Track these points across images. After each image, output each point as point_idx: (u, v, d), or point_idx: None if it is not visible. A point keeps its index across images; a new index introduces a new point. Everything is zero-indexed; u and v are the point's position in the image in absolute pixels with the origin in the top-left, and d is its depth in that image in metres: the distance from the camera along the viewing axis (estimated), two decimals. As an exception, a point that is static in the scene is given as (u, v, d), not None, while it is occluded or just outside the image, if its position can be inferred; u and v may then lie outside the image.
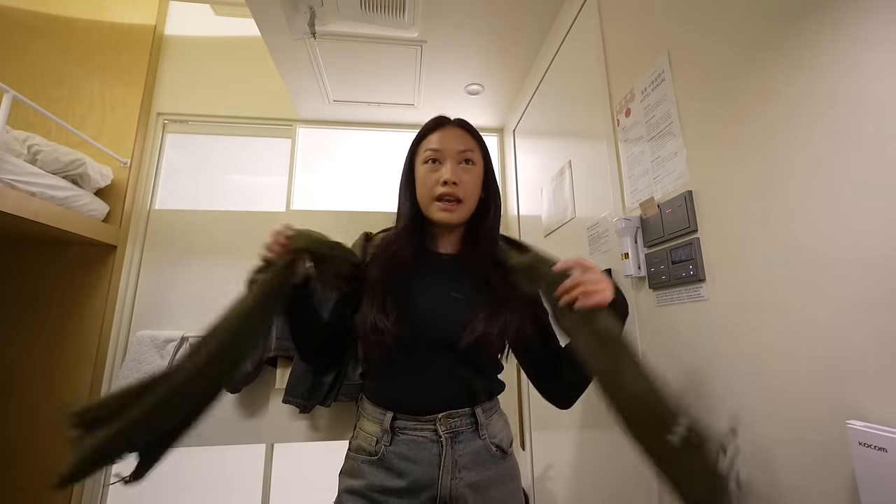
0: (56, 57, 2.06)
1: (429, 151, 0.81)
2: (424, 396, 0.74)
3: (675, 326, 0.86)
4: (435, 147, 0.80)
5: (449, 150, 0.80)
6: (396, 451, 0.72)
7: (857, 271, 0.51)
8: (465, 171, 0.80)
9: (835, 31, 0.54)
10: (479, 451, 0.74)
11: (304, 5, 1.41)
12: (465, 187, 0.79)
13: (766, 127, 0.64)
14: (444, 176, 0.78)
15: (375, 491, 0.71)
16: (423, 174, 0.81)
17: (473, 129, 0.86)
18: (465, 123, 0.86)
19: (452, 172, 0.78)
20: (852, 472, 0.50)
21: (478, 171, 0.83)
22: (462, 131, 0.84)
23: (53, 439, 1.72)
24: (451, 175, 0.78)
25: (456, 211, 0.79)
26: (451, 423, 0.73)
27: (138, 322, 1.92)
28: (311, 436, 1.89)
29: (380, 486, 0.71)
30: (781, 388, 0.61)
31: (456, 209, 0.79)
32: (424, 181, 0.80)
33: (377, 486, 0.71)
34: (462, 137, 0.82)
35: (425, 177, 0.80)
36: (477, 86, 1.91)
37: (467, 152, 0.81)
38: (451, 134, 0.82)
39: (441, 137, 0.81)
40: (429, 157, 0.80)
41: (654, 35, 0.93)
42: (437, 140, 0.81)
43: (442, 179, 0.78)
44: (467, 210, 0.81)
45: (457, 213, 0.79)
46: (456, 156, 0.80)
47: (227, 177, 2.21)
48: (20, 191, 1.44)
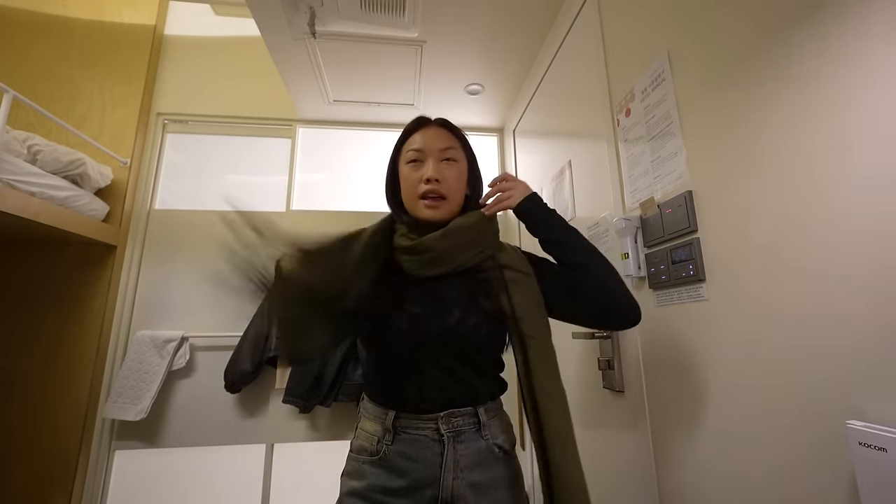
0: (56, 57, 2.07)
1: (411, 152, 0.82)
2: (426, 394, 0.74)
3: (675, 326, 0.86)
4: (417, 147, 0.81)
5: (430, 149, 0.81)
6: (398, 449, 0.72)
7: (857, 271, 0.51)
8: (448, 168, 0.81)
9: (835, 32, 0.54)
10: (481, 451, 0.74)
11: (304, 5, 1.41)
12: (447, 184, 0.80)
13: (766, 127, 0.64)
14: (426, 174, 0.79)
15: (377, 492, 0.71)
16: (406, 173, 0.82)
17: (454, 127, 0.87)
18: (446, 122, 0.86)
19: (434, 169, 0.79)
20: (852, 472, 0.50)
21: (460, 167, 0.83)
22: (443, 130, 0.85)
23: (53, 439, 1.72)
24: (432, 172, 0.78)
25: (441, 208, 0.79)
26: (452, 423, 0.73)
27: (138, 322, 1.92)
28: (311, 436, 1.90)
29: (381, 487, 0.71)
30: (781, 387, 0.61)
31: (441, 205, 0.79)
32: (408, 180, 0.81)
33: (378, 487, 0.71)
34: (443, 135, 0.83)
35: (408, 176, 0.81)
36: (477, 86, 1.91)
37: (449, 150, 0.82)
38: (432, 133, 0.83)
39: (422, 137, 0.82)
40: (411, 158, 0.81)
41: (654, 35, 0.93)
42: (419, 140, 0.82)
43: (424, 177, 0.79)
44: (452, 206, 0.81)
45: (442, 210, 0.80)
46: (437, 154, 0.81)
47: (227, 177, 2.21)
48: (20, 191, 1.44)
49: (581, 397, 1.25)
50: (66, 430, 1.74)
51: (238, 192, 2.19)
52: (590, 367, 1.19)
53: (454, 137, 0.84)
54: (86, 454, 1.76)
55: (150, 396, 1.75)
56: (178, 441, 1.84)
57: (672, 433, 0.87)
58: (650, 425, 0.93)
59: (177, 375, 1.87)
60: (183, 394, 1.87)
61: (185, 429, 1.85)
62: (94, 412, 1.79)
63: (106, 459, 1.81)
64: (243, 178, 2.22)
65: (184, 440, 1.84)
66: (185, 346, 1.87)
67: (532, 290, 0.79)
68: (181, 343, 1.86)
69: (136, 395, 1.75)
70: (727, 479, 0.72)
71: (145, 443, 1.82)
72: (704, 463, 0.77)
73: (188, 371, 1.89)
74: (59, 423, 1.74)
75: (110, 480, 1.82)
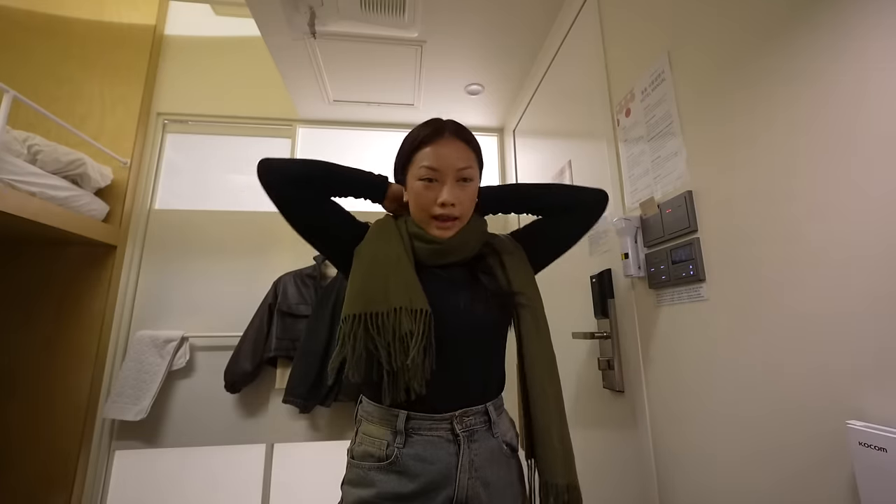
0: (56, 57, 2.07)
1: (424, 169, 0.76)
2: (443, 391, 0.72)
3: (675, 326, 0.86)
4: (431, 165, 0.76)
5: (447, 169, 0.76)
6: (411, 452, 0.69)
7: (857, 271, 0.51)
8: (462, 190, 0.77)
9: (836, 32, 0.54)
10: (493, 450, 0.74)
11: (304, 5, 1.41)
12: (462, 206, 0.77)
13: (766, 127, 0.64)
14: (441, 198, 0.75)
15: (388, 499, 0.68)
16: (419, 191, 0.77)
17: (472, 138, 0.82)
18: (463, 132, 0.81)
19: (451, 194, 0.75)
20: (852, 472, 0.50)
21: (475, 185, 0.81)
22: (461, 144, 0.79)
23: (53, 439, 1.72)
24: (449, 197, 0.75)
25: (452, 228, 0.78)
26: (466, 422, 0.72)
27: (138, 322, 1.92)
28: (311, 436, 1.90)
29: (392, 494, 0.68)
30: (781, 388, 0.61)
31: (453, 226, 0.78)
32: (420, 198, 0.77)
33: (389, 494, 0.68)
34: (461, 152, 0.78)
35: (421, 194, 0.77)
36: (477, 86, 1.91)
37: (466, 170, 0.77)
38: (449, 149, 0.77)
39: (438, 154, 0.76)
40: (425, 175, 0.76)
41: (654, 35, 0.93)
42: (434, 157, 0.76)
43: (440, 201, 0.75)
44: (462, 224, 0.80)
45: (453, 230, 0.78)
46: (455, 174, 0.76)
47: (227, 177, 2.21)
48: (20, 191, 1.44)
49: (581, 397, 1.25)
50: (66, 430, 1.74)
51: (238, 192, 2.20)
52: (590, 367, 1.19)
53: (471, 152, 0.80)
54: (86, 454, 1.76)
55: (150, 396, 1.75)
56: (178, 441, 1.84)
57: (672, 433, 0.87)
58: (650, 425, 0.93)
59: (177, 375, 1.87)
60: (183, 394, 1.87)
61: (185, 429, 1.85)
62: (94, 412, 1.79)
63: (106, 459, 1.81)
64: (243, 178, 2.22)
65: (184, 440, 1.84)
66: (185, 346, 1.87)
67: (523, 263, 0.85)
68: (181, 343, 1.86)
69: (136, 395, 1.75)
70: (727, 479, 0.72)
71: (145, 443, 1.82)
72: (704, 463, 0.77)
73: (188, 371, 1.89)
74: (59, 423, 1.74)
75: (110, 480, 1.82)
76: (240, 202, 2.15)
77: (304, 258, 1.96)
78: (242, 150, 2.23)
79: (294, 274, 1.93)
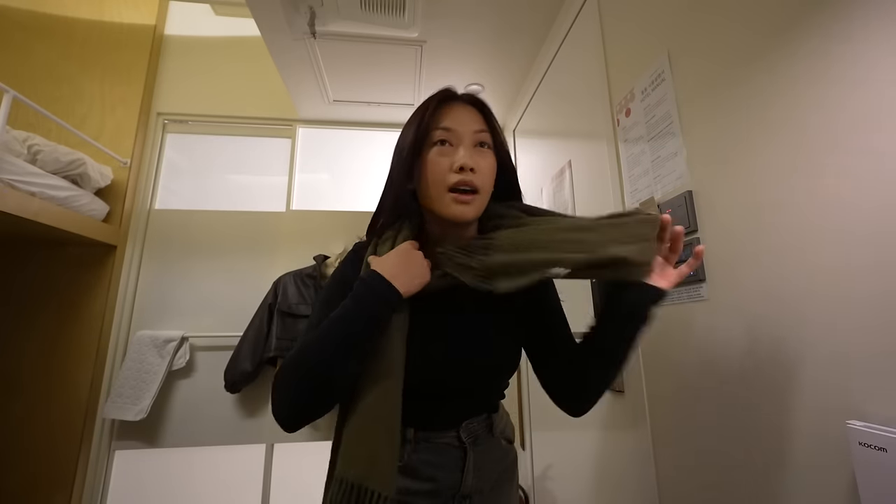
0: (56, 57, 2.07)
1: (439, 130, 0.66)
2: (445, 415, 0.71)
3: (675, 326, 0.86)
4: (446, 126, 0.66)
5: (463, 130, 0.66)
6: (423, 458, 0.69)
7: (857, 271, 0.51)
8: (482, 156, 0.67)
9: (836, 33, 0.54)
10: (494, 447, 0.75)
11: (304, 5, 1.41)
12: (482, 175, 0.66)
13: (766, 127, 0.64)
14: (459, 160, 0.64)
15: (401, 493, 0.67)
16: (433, 158, 0.65)
17: (487, 108, 0.72)
18: (477, 101, 0.72)
19: (469, 156, 0.64)
20: (852, 472, 0.50)
21: (493, 159, 0.70)
22: (475, 111, 0.70)
23: (53, 439, 1.72)
24: (468, 159, 0.64)
25: (473, 203, 0.65)
26: (471, 429, 0.72)
27: (138, 322, 1.92)
28: (311, 436, 1.89)
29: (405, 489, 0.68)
30: (781, 388, 0.61)
31: (473, 200, 0.65)
32: (434, 167, 0.65)
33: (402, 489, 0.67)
34: (475, 117, 0.69)
35: (435, 161, 0.65)
36: (477, 86, 1.91)
37: (482, 133, 0.68)
38: (463, 111, 0.69)
39: (452, 114, 0.68)
40: (438, 138, 0.66)
41: (654, 35, 0.93)
42: (448, 117, 0.67)
43: (457, 165, 0.64)
44: (483, 203, 0.67)
45: (473, 206, 0.65)
46: (471, 136, 0.66)
47: (227, 177, 2.21)
48: (20, 191, 1.44)
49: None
50: (66, 430, 1.74)
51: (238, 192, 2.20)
52: (590, 367, 1.19)
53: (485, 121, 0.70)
54: (86, 454, 1.76)
55: (150, 396, 1.75)
56: (178, 441, 1.84)
57: (672, 433, 0.87)
58: (650, 425, 0.93)
59: (177, 375, 1.87)
60: (183, 394, 1.87)
61: (184, 429, 1.85)
62: (94, 412, 1.79)
63: (106, 459, 1.81)
64: (243, 178, 2.22)
65: (184, 440, 1.84)
66: (185, 346, 1.87)
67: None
68: (181, 343, 1.86)
69: (136, 395, 1.75)
70: (727, 479, 0.72)
71: (145, 443, 1.82)
72: (704, 463, 0.77)
73: (188, 371, 1.89)
74: (59, 423, 1.74)
75: (110, 480, 1.82)
76: (240, 202, 2.15)
77: (305, 258, 1.96)
78: (242, 150, 2.24)
79: (294, 274, 1.93)
